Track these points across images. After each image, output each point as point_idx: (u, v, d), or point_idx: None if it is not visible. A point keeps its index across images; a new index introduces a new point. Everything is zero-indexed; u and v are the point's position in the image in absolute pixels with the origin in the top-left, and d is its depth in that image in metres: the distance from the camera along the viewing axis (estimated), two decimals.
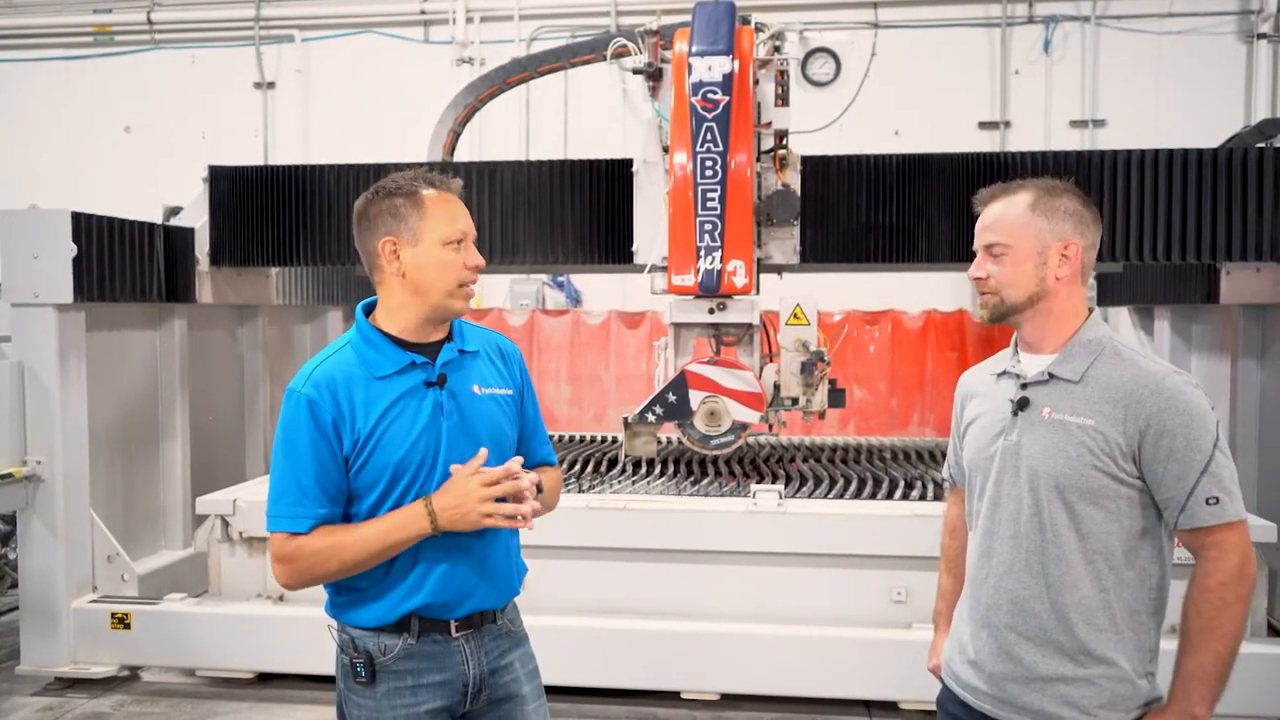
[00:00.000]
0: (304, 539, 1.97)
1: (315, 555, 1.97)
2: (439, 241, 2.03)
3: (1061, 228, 1.97)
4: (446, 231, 2.04)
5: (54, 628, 4.51)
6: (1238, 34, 9.46)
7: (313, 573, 2.00)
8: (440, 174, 2.11)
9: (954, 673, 2.10)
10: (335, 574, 2.00)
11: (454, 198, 2.08)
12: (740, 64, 4.45)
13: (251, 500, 4.60)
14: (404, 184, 2.06)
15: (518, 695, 2.14)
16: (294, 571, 2.00)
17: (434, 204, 2.05)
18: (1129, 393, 1.89)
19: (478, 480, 1.96)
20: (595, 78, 7.50)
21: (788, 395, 4.74)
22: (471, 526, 1.97)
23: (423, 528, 1.97)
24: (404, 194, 2.05)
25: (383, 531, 1.97)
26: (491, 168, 5.03)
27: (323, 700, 4.36)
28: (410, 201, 2.04)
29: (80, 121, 10.71)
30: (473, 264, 2.06)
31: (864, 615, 4.26)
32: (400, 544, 1.98)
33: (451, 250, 2.04)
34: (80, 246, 4.46)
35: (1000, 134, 9.74)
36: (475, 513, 1.95)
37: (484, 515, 1.95)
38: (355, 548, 1.96)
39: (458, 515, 1.95)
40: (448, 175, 2.12)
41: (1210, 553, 1.87)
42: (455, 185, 2.10)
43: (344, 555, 1.96)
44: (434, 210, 2.04)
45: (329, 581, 2.03)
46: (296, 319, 6.57)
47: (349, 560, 1.97)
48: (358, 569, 1.99)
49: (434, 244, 2.03)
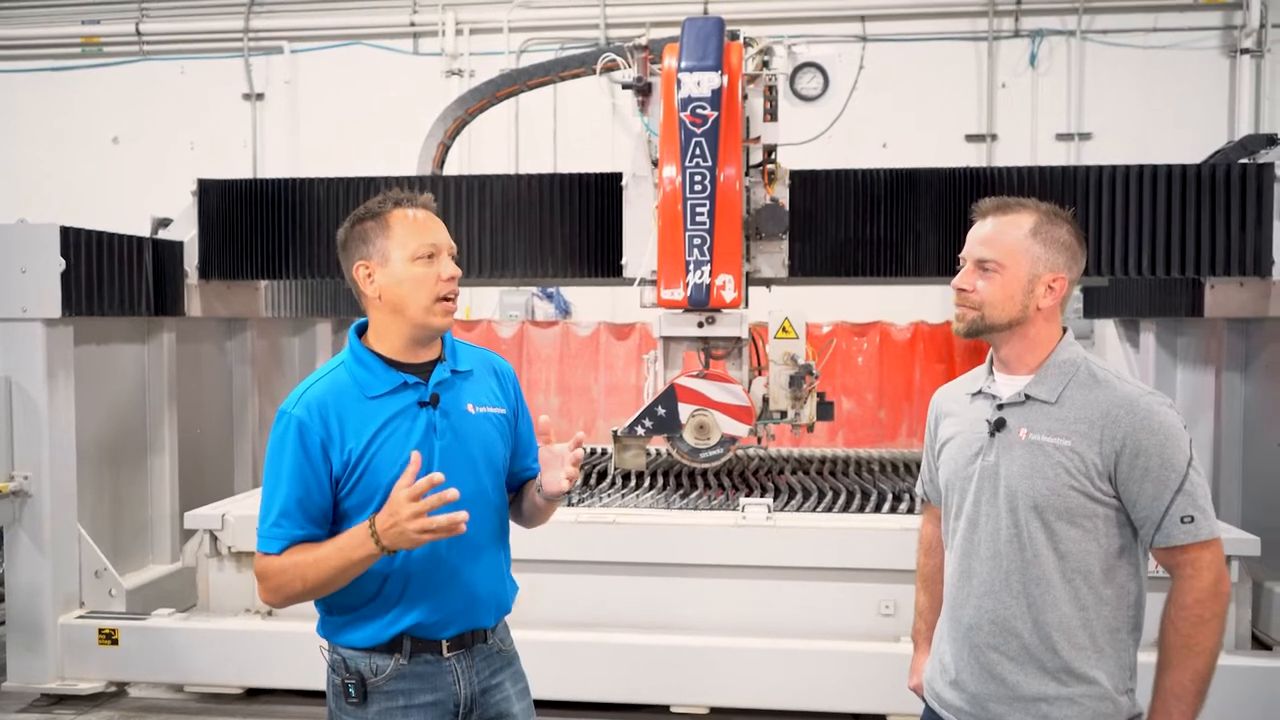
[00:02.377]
0: (274, 559, 1.99)
1: (281, 574, 1.98)
2: (407, 258, 2.04)
3: (1055, 259, 2.00)
4: (414, 246, 2.05)
5: (41, 643, 4.48)
6: (1221, 49, 9.57)
7: (282, 592, 2.00)
8: (409, 191, 2.12)
9: (936, 693, 2.12)
10: (302, 594, 1.99)
11: (424, 213, 2.09)
12: (729, 79, 4.48)
13: (240, 515, 4.58)
14: (372, 208, 2.09)
15: (508, 714, 2.15)
16: (266, 590, 2.02)
17: (399, 222, 2.06)
18: (1104, 413, 1.91)
19: (404, 495, 1.87)
20: (584, 91, 7.52)
21: (776, 408, 4.76)
22: (412, 545, 1.89)
23: (369, 549, 1.91)
24: (370, 217, 2.08)
25: (335, 551, 1.95)
26: (481, 181, 5.04)
27: (311, 715, 4.35)
28: (377, 224, 2.07)
29: (68, 132, 10.69)
30: (447, 275, 2.06)
31: (852, 628, 4.28)
32: (353, 564, 1.93)
33: (422, 265, 2.05)
34: (69, 260, 4.45)
35: (987, 147, 9.81)
36: (410, 530, 1.86)
37: (419, 532, 1.86)
38: (314, 568, 1.95)
39: (395, 534, 1.88)
40: (416, 192, 2.13)
41: (1186, 570, 1.90)
42: (425, 200, 2.11)
43: (305, 575, 1.96)
44: (399, 228, 2.06)
45: (301, 600, 2.02)
46: (285, 331, 6.56)
47: (310, 581, 1.96)
48: (323, 589, 1.99)
49: (403, 260, 2.04)
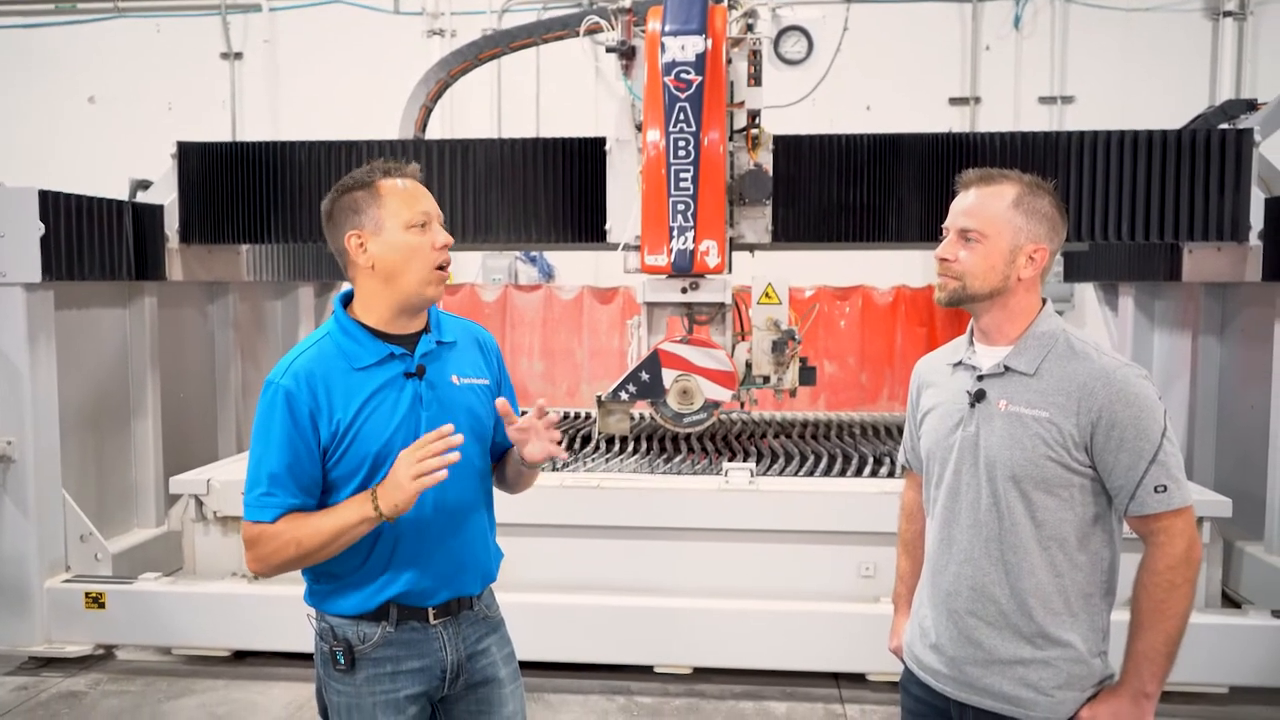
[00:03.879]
0: (268, 526, 2.00)
1: (275, 541, 1.99)
2: (401, 226, 2.05)
3: (1037, 230, 2.02)
4: (407, 215, 2.06)
5: (27, 608, 4.51)
6: (1204, 11, 9.56)
7: (274, 559, 2.01)
8: (395, 160, 2.12)
9: (915, 656, 2.17)
10: (295, 561, 2.02)
11: (411, 182, 2.10)
12: (713, 43, 4.45)
13: (226, 479, 4.60)
14: (360, 177, 2.09)
15: (495, 679, 2.19)
16: (257, 558, 2.02)
17: (391, 191, 2.07)
18: (1081, 385, 1.95)
19: (410, 449, 1.95)
20: (568, 54, 7.45)
21: (759, 373, 4.80)
22: (406, 497, 1.93)
23: (366, 512, 1.96)
24: (361, 186, 2.07)
25: (331, 518, 1.98)
26: (464, 145, 5.01)
27: (298, 677, 4.40)
28: (368, 193, 2.06)
29: (42, 91, 10.51)
30: (440, 243, 2.08)
31: (833, 590, 4.35)
32: (349, 529, 1.97)
33: (416, 233, 2.06)
34: (48, 225, 4.42)
35: (970, 110, 9.80)
36: (406, 480, 1.92)
37: (413, 478, 1.92)
38: (310, 536, 1.98)
39: (396, 494, 1.93)
40: (402, 160, 2.14)
41: (1159, 538, 1.94)
42: (411, 169, 2.12)
43: (301, 542, 1.98)
44: (391, 197, 2.06)
45: (293, 569, 2.05)
46: (267, 295, 6.54)
47: (306, 547, 1.98)
48: (316, 557, 2.01)
49: (397, 229, 2.05)
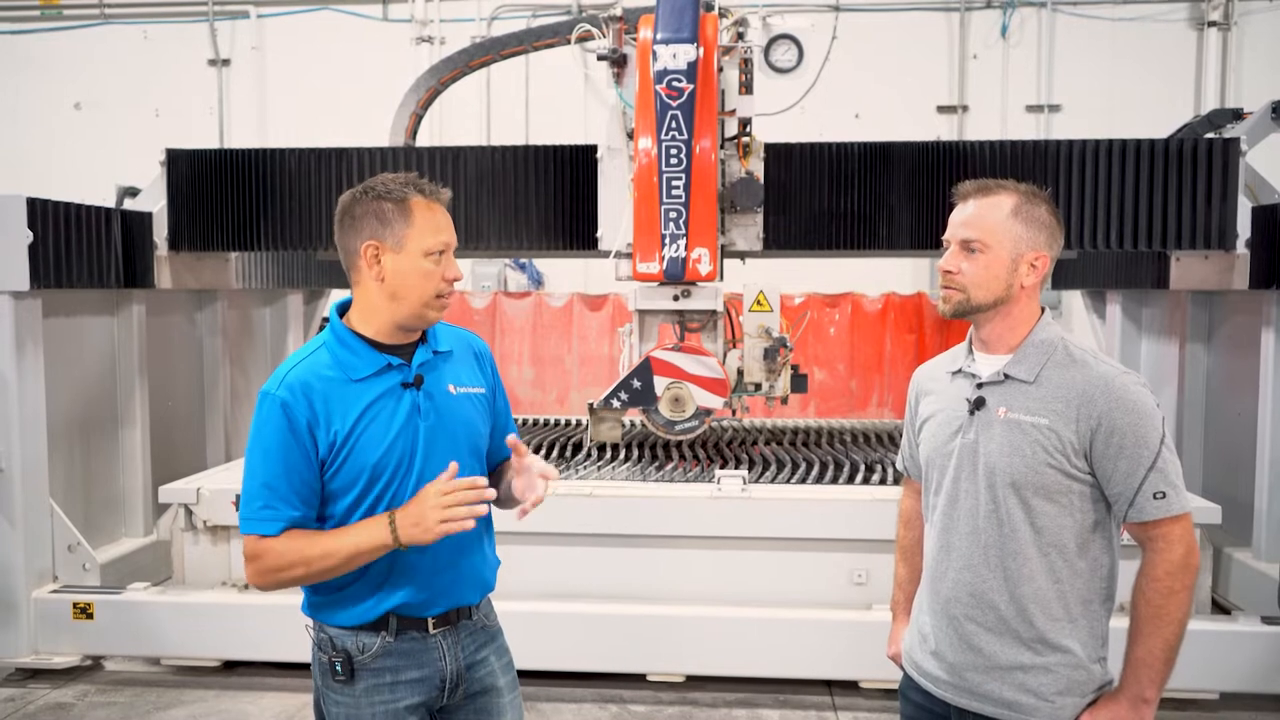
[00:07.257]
0: (272, 540, 1.98)
1: (281, 558, 1.97)
2: (422, 251, 2.02)
3: (1036, 238, 2.04)
4: (431, 242, 2.03)
5: (14, 618, 4.45)
6: (1189, 21, 9.65)
7: (278, 575, 1.99)
8: (432, 182, 2.08)
9: (915, 662, 2.17)
10: (300, 579, 2.00)
11: (441, 208, 2.07)
12: (705, 51, 4.47)
13: (215, 489, 4.57)
14: (394, 188, 2.03)
15: (494, 688, 2.18)
16: (260, 571, 2.00)
17: (422, 212, 2.03)
18: (1081, 393, 1.96)
19: (437, 488, 1.95)
20: (558, 61, 7.46)
21: (751, 381, 4.80)
22: (431, 536, 1.94)
23: (385, 541, 1.95)
24: (393, 199, 2.03)
25: (347, 542, 1.97)
26: (455, 152, 5.00)
27: (289, 688, 4.37)
28: (399, 208, 2.02)
29: (29, 98, 10.45)
30: (451, 276, 2.07)
31: (826, 597, 4.35)
32: (363, 555, 1.97)
33: (433, 261, 2.04)
34: (36, 232, 4.38)
35: (958, 118, 9.87)
36: (433, 523, 1.93)
37: (439, 522, 1.93)
38: (320, 558, 1.96)
39: (417, 532, 1.94)
40: (437, 184, 2.09)
41: (1158, 544, 1.96)
42: (445, 196, 2.09)
43: (309, 562, 1.96)
44: (421, 219, 2.03)
45: (295, 585, 2.03)
46: (256, 303, 6.50)
47: (314, 568, 1.97)
48: (322, 577, 2.00)
49: (417, 253, 2.02)
